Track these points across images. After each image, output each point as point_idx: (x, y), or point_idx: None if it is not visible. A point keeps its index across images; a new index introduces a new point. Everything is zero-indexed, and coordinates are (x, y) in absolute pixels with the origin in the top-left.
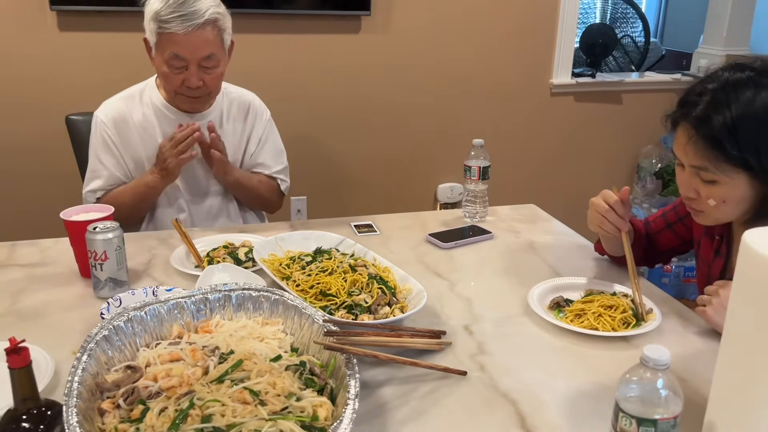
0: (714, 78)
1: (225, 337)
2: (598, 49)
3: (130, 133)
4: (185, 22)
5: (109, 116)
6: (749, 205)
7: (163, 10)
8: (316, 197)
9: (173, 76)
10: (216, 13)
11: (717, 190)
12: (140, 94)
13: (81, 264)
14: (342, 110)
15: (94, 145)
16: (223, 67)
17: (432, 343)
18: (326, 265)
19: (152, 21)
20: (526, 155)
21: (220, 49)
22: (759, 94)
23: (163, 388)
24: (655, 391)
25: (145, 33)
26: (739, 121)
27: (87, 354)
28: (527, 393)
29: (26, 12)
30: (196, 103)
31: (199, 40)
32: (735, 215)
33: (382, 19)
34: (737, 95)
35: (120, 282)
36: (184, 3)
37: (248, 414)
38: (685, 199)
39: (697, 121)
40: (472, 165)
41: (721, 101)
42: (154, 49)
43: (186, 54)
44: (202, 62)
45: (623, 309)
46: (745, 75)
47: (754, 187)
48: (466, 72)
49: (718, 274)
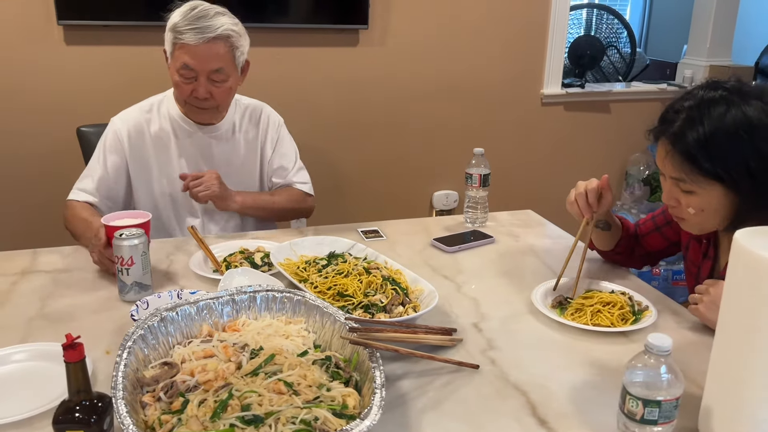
0: (690, 96)
1: (253, 335)
2: (585, 60)
3: (144, 143)
4: (198, 34)
5: (127, 123)
6: (727, 213)
7: (180, 21)
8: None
9: (183, 86)
10: (230, 30)
11: (695, 199)
12: (158, 105)
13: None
14: (340, 121)
15: (103, 144)
16: (233, 83)
17: (445, 339)
18: (342, 268)
19: (169, 31)
20: (518, 163)
21: (230, 65)
22: (729, 112)
23: (200, 381)
24: (659, 376)
25: (165, 43)
26: (711, 137)
27: (127, 351)
28: (536, 384)
29: (34, 26)
30: (205, 114)
31: (209, 53)
32: (714, 223)
33: (379, 33)
34: (710, 112)
35: (144, 286)
36: (201, 18)
37: (284, 403)
38: (668, 207)
39: (674, 137)
40: (473, 173)
41: (695, 119)
42: (169, 58)
43: (195, 65)
44: (211, 75)
45: (621, 306)
46: (717, 94)
47: (728, 197)
48: (461, 83)
49: (706, 275)
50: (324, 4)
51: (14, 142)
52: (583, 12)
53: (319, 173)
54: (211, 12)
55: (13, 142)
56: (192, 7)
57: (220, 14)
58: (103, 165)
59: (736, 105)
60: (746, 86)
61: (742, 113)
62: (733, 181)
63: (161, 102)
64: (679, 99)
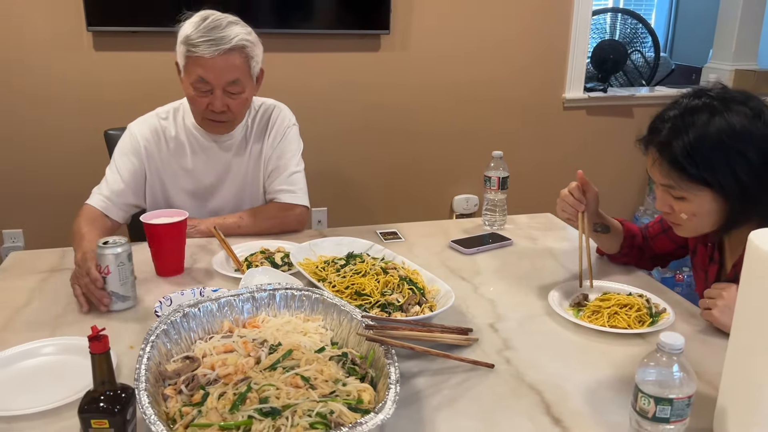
0: (676, 105)
1: (272, 332)
2: (608, 64)
3: (160, 149)
4: (212, 47)
5: (144, 129)
6: (719, 216)
7: (193, 34)
8: (336, 209)
9: (199, 100)
10: (245, 40)
11: (687, 205)
12: (174, 112)
13: (157, 263)
14: (361, 125)
15: (120, 150)
16: (249, 94)
17: (460, 338)
18: (359, 268)
19: (182, 44)
20: (540, 167)
21: (246, 76)
22: (713, 119)
23: (221, 375)
24: (671, 374)
25: (176, 56)
26: (696, 144)
27: (150, 345)
28: (551, 384)
29: (64, 33)
30: (221, 127)
31: (225, 65)
32: (708, 227)
33: (400, 38)
34: (694, 120)
35: (122, 296)
36: (214, 28)
37: (301, 396)
38: (662, 213)
39: (660, 146)
40: (492, 175)
41: (679, 127)
42: (182, 71)
43: (211, 78)
44: (227, 87)
45: (638, 308)
46: (701, 101)
47: (718, 202)
48: (482, 87)
49: (713, 278)
50: (346, 11)
51: (44, 145)
52: (606, 16)
53: (339, 177)
54: (223, 22)
55: (43, 144)
56: (203, 17)
57: (233, 24)
58: (119, 171)
59: (719, 112)
60: (731, 93)
61: (725, 120)
62: (720, 186)
63: (177, 110)
64: (666, 108)
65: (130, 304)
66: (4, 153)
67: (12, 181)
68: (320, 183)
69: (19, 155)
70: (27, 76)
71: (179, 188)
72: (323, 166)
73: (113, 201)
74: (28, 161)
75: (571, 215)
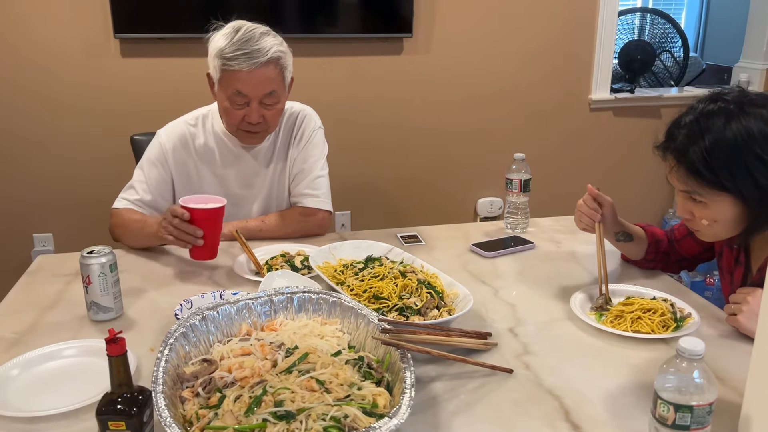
0: (691, 110)
1: (289, 335)
2: (636, 65)
3: (188, 156)
4: (249, 60)
5: (172, 136)
6: (740, 222)
7: (227, 47)
8: (360, 212)
9: (235, 112)
10: (279, 51)
11: (707, 211)
12: (203, 119)
13: (192, 247)
14: (385, 128)
15: (148, 157)
16: (283, 104)
17: (479, 343)
18: (378, 271)
19: (216, 58)
20: (565, 169)
21: (281, 86)
22: (729, 124)
23: (237, 378)
24: (691, 380)
25: (209, 68)
26: (712, 150)
27: (168, 348)
28: (571, 389)
29: (92, 40)
30: (255, 138)
31: (262, 78)
32: (730, 232)
33: (423, 41)
34: (709, 125)
35: (103, 307)
36: (248, 41)
37: (315, 400)
38: (684, 219)
39: (677, 153)
40: (514, 178)
41: (695, 133)
42: (217, 84)
43: (248, 91)
44: (263, 99)
45: (662, 312)
46: (716, 106)
47: (739, 207)
48: (506, 89)
49: (739, 281)
50: (370, 15)
51: (72, 150)
52: (635, 17)
53: (363, 180)
54: (256, 34)
55: (71, 149)
56: (235, 29)
57: (265, 35)
58: (146, 177)
59: (736, 116)
60: (749, 96)
61: (741, 124)
62: (739, 192)
63: (206, 116)
64: (683, 114)
65: (111, 315)
66: (35, 158)
67: (42, 185)
68: (344, 186)
69: (49, 160)
70: (56, 82)
71: (208, 194)
72: (347, 169)
73: (142, 205)
74: (58, 166)
75: (588, 225)
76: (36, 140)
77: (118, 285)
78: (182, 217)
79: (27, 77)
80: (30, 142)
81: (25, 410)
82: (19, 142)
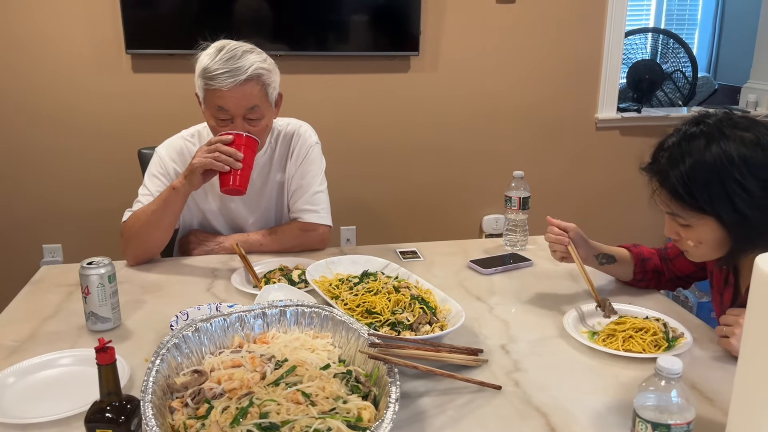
0: (676, 133)
1: (280, 348)
2: (644, 84)
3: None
4: (229, 78)
5: (171, 150)
6: (724, 244)
7: (210, 66)
8: (365, 227)
9: (220, 129)
10: (260, 68)
11: (692, 232)
12: (199, 134)
13: (223, 175)
14: (391, 144)
15: (149, 171)
16: (269, 120)
17: (470, 359)
18: (372, 286)
19: (200, 77)
20: (571, 187)
21: (264, 102)
22: (709, 147)
23: (226, 389)
24: (669, 399)
25: (196, 88)
26: (692, 173)
27: (160, 358)
28: (558, 407)
29: (104, 55)
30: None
31: (242, 94)
32: (716, 253)
33: (430, 59)
34: (690, 149)
35: (102, 318)
36: (230, 59)
37: (300, 413)
38: (672, 240)
39: (660, 175)
40: (513, 195)
41: (676, 156)
42: (202, 103)
43: (230, 107)
44: (246, 114)
45: (654, 332)
46: (698, 129)
47: (722, 230)
48: (512, 107)
49: (729, 302)
50: (378, 33)
51: (83, 162)
52: (648, 37)
53: (369, 195)
54: (239, 52)
55: (81, 161)
56: (219, 48)
57: (248, 52)
58: (150, 190)
59: (716, 140)
60: (732, 119)
61: (721, 148)
62: (719, 216)
63: (201, 132)
64: (668, 136)
65: (109, 325)
66: (45, 169)
67: (51, 196)
68: (350, 201)
69: (59, 172)
70: (69, 96)
71: (208, 208)
72: (353, 184)
73: None
74: (68, 178)
75: (562, 251)
76: (46, 152)
77: (117, 296)
78: (224, 141)
79: (41, 90)
80: (41, 154)
81: (19, 417)
82: (31, 153)
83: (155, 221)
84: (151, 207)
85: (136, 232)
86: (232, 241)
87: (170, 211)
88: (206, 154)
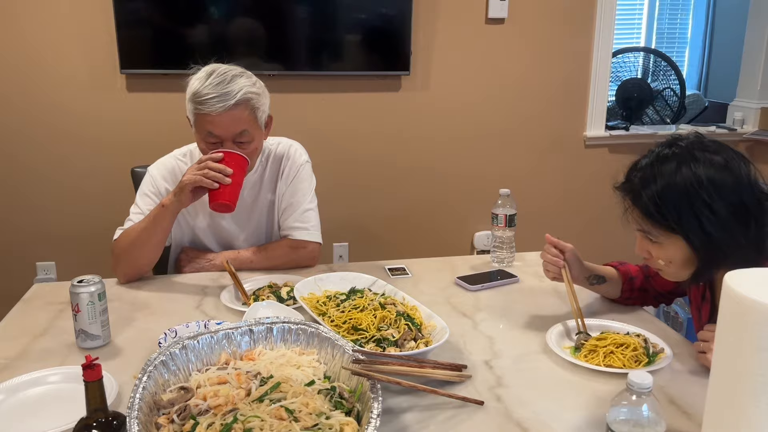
0: (650, 154)
1: (266, 364)
2: (633, 102)
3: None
4: (218, 103)
5: (162, 169)
6: (693, 263)
7: (200, 90)
8: (358, 244)
9: (210, 151)
10: (249, 92)
11: (663, 251)
12: (191, 154)
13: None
14: (383, 162)
15: (141, 190)
16: (258, 143)
17: (453, 375)
18: (358, 303)
19: (190, 101)
20: (560, 205)
21: (253, 126)
22: (680, 169)
23: (211, 406)
24: (641, 413)
25: (186, 111)
26: (662, 194)
27: (147, 375)
28: (539, 422)
29: (99, 75)
30: None
31: (231, 119)
32: (685, 272)
33: (421, 78)
34: (662, 170)
35: (91, 335)
36: (219, 84)
37: (283, 429)
38: (643, 259)
39: (632, 195)
40: (499, 213)
41: (648, 177)
42: (193, 127)
43: (219, 132)
44: (236, 138)
45: (634, 347)
46: (671, 151)
47: (689, 249)
48: (502, 125)
49: (707, 318)
50: (369, 53)
51: (77, 180)
52: (639, 56)
53: (361, 213)
54: (228, 76)
55: (75, 179)
56: (208, 72)
57: (238, 77)
58: (142, 209)
59: (687, 162)
60: (704, 142)
61: (691, 171)
62: (687, 236)
63: (193, 152)
64: (642, 157)
65: (99, 343)
66: (39, 187)
67: (46, 214)
68: (343, 218)
69: (53, 189)
70: (64, 115)
71: (199, 225)
72: (346, 202)
73: None
74: (62, 195)
75: (555, 272)
76: (41, 170)
77: (107, 313)
78: (212, 159)
79: (37, 110)
80: (35, 172)
81: None
82: (25, 171)
83: (145, 239)
84: (141, 225)
85: (126, 250)
86: (223, 258)
87: (160, 228)
88: (196, 171)
